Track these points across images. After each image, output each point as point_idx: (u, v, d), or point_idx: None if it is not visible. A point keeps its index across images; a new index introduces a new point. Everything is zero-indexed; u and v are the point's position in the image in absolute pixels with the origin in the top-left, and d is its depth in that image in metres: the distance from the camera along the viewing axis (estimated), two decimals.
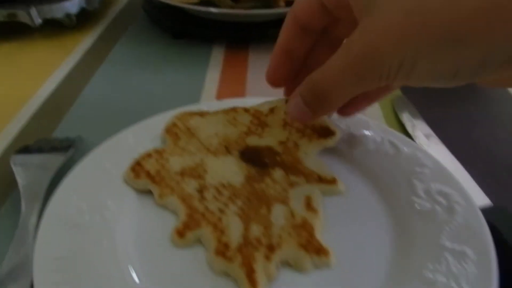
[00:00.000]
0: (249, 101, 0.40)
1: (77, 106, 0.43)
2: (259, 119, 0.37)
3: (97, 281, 0.24)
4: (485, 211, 0.29)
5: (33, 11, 0.52)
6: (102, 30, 0.58)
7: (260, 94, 0.46)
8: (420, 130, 0.41)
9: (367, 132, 0.37)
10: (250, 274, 0.24)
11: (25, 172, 0.32)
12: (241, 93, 0.46)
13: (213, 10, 0.52)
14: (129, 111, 0.43)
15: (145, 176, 0.31)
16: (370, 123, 0.38)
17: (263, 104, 0.38)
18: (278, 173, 0.32)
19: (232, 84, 0.48)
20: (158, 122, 0.37)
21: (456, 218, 0.29)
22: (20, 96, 0.44)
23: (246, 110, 0.38)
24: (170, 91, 0.46)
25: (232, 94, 0.46)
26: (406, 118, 0.43)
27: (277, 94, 0.45)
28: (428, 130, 0.41)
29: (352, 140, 0.36)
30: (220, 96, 0.46)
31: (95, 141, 0.37)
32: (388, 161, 0.34)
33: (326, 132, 0.35)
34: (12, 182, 0.32)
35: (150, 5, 0.58)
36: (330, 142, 0.34)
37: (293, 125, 0.36)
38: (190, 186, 0.31)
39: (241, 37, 0.56)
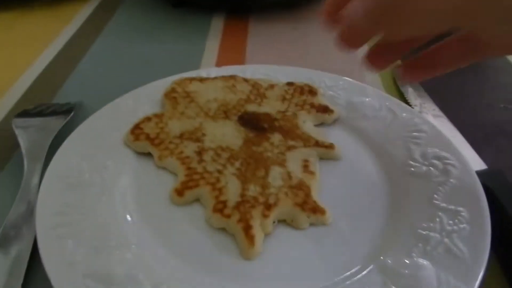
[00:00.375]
0: (249, 68, 0.40)
1: (77, 73, 0.43)
2: (258, 90, 0.37)
3: (97, 233, 0.25)
4: (480, 174, 0.30)
5: None
6: (101, 0, 0.58)
7: (259, 62, 0.46)
8: (419, 98, 0.41)
9: (365, 99, 0.37)
10: (247, 230, 0.25)
11: (27, 134, 0.32)
12: (240, 62, 0.46)
13: None
14: (128, 78, 0.43)
15: (144, 138, 0.32)
16: (368, 89, 0.38)
17: (263, 79, 0.38)
18: (276, 137, 0.32)
19: (232, 53, 0.48)
20: (158, 88, 0.37)
21: (451, 180, 0.29)
22: (20, 63, 0.44)
23: (245, 80, 0.38)
24: (170, 60, 0.46)
25: (232, 63, 0.46)
26: (405, 86, 0.43)
27: (278, 63, 0.45)
28: (427, 98, 0.41)
29: (350, 106, 0.37)
30: (219, 64, 0.45)
31: (95, 107, 0.37)
32: (386, 127, 0.34)
33: (324, 109, 0.35)
34: (14, 144, 0.32)
35: None
36: (328, 118, 0.35)
37: (292, 100, 0.36)
38: (189, 148, 0.31)
39: (241, 5, 0.55)
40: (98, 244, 0.24)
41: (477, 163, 0.34)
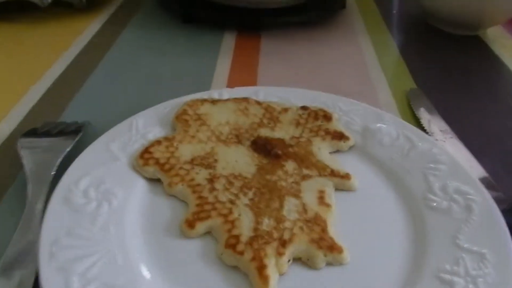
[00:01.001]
0: (262, 91, 0.39)
1: (85, 89, 0.43)
2: (271, 114, 0.36)
3: (104, 270, 0.24)
4: (504, 211, 0.29)
5: None
6: (112, 13, 0.57)
7: (271, 84, 0.45)
8: (435, 124, 0.40)
9: (382, 125, 0.36)
10: (261, 269, 0.24)
11: (32, 155, 0.31)
12: (252, 82, 0.45)
13: None
14: (138, 96, 0.42)
15: (154, 163, 0.30)
16: (385, 116, 0.37)
17: (276, 103, 0.37)
18: (290, 165, 0.31)
19: (244, 71, 0.47)
20: (168, 109, 0.36)
21: (473, 218, 0.28)
22: (28, 77, 0.44)
23: (258, 102, 0.37)
24: (180, 78, 0.45)
25: (243, 83, 0.45)
26: (420, 111, 0.42)
27: (289, 85, 0.44)
28: (443, 124, 0.40)
29: (367, 132, 0.36)
30: (230, 84, 0.44)
31: (103, 126, 0.36)
32: (403, 156, 0.33)
33: (340, 136, 0.34)
34: (19, 165, 0.31)
35: None
36: (343, 145, 0.34)
37: (306, 125, 0.35)
38: (200, 175, 0.30)
39: (253, 22, 0.54)
40: (105, 281, 0.23)
41: (496, 195, 0.32)
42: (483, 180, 0.34)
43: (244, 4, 0.53)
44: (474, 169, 0.35)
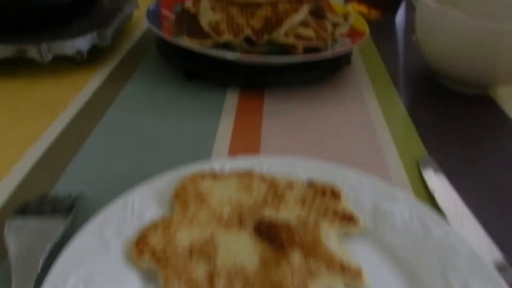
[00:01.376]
0: (265, 162, 0.37)
1: (81, 155, 0.41)
2: (275, 190, 0.34)
3: None
4: None
5: (44, 47, 0.50)
6: (113, 68, 0.56)
7: (275, 147, 0.43)
8: (449, 199, 0.38)
9: (394, 206, 0.34)
10: None
11: (19, 243, 0.29)
12: (255, 144, 0.44)
13: (228, 55, 0.49)
14: (135, 164, 0.40)
15: (150, 255, 0.28)
16: (396, 193, 0.35)
17: (281, 176, 0.36)
18: (296, 257, 0.29)
19: (246, 135, 0.45)
20: (166, 183, 0.34)
21: None
22: (23, 141, 0.42)
23: (262, 178, 0.35)
24: (181, 140, 0.44)
25: (246, 147, 0.43)
26: (433, 183, 0.40)
27: (294, 150, 0.42)
28: (457, 199, 0.38)
29: (377, 214, 0.33)
30: (233, 149, 0.43)
31: (99, 198, 0.35)
32: (418, 244, 0.31)
33: (349, 219, 0.32)
34: (4, 251, 0.29)
35: (163, 44, 0.56)
36: (353, 230, 0.32)
37: (313, 205, 0.33)
38: (199, 269, 0.28)
39: (256, 81, 0.53)
40: None
41: None
42: (499, 266, 0.31)
43: (248, 63, 0.52)
44: (491, 252, 0.33)
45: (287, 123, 0.48)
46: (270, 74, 0.53)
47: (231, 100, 0.51)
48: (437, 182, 0.40)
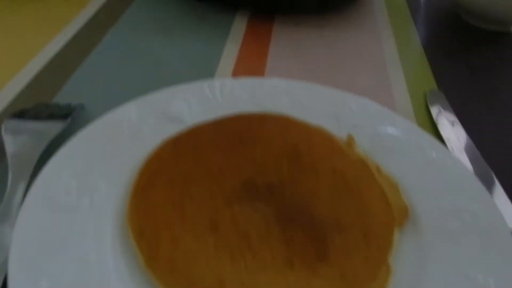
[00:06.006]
0: (267, 83, 0.37)
1: (84, 68, 0.41)
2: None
3: (76, 272, 0.22)
4: None
5: None
6: None
7: (280, 73, 0.42)
8: (454, 133, 0.37)
9: (394, 131, 0.33)
10: None
11: (16, 141, 0.30)
12: (260, 70, 0.43)
13: None
14: (137, 79, 0.40)
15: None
16: (397, 119, 0.34)
17: None
18: None
19: (252, 59, 0.44)
20: (164, 98, 0.34)
21: (481, 241, 0.25)
22: (24, 53, 0.42)
23: None
24: (184, 61, 0.43)
25: (251, 72, 0.42)
26: (439, 116, 0.38)
27: (298, 78, 0.41)
28: (463, 134, 0.37)
29: (376, 138, 0.33)
30: (237, 73, 0.42)
31: (98, 110, 0.35)
32: (414, 168, 0.30)
33: None
34: (2, 150, 0.30)
35: None
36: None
37: None
38: None
39: (267, 4, 0.51)
40: (77, 284, 0.22)
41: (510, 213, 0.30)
42: (499, 200, 0.31)
43: None
44: (492, 185, 0.32)
45: (295, 50, 0.46)
46: None
47: (239, 24, 0.50)
48: (442, 115, 0.39)
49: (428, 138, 0.32)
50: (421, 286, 0.24)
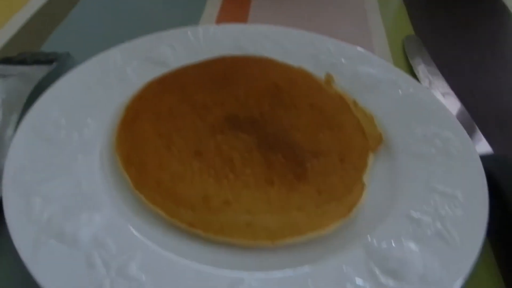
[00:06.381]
0: (250, 29, 0.38)
1: (70, 18, 0.41)
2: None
3: (68, 193, 0.24)
4: (484, 158, 0.28)
5: None
6: None
7: (263, 21, 0.43)
8: (429, 74, 0.38)
9: (370, 70, 0.34)
10: None
11: (5, 83, 0.30)
12: (243, 19, 0.44)
13: None
14: (123, 29, 0.41)
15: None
16: (374, 59, 0.36)
17: None
18: None
19: (235, 8, 0.45)
20: (149, 43, 0.35)
21: (451, 162, 0.27)
22: (11, 3, 0.42)
23: None
24: (168, 11, 0.44)
25: (234, 19, 0.43)
26: (415, 59, 0.40)
27: (283, 23, 0.42)
28: (438, 75, 0.38)
29: (354, 77, 0.34)
30: (220, 20, 0.43)
31: (84, 58, 0.35)
32: (389, 101, 0.32)
33: None
34: None
35: None
36: None
37: None
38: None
39: None
40: (68, 204, 0.23)
41: (483, 148, 0.31)
42: (472, 134, 0.33)
43: None
44: (465, 122, 0.34)
45: None
46: None
47: None
48: (419, 59, 0.40)
49: (403, 76, 0.34)
50: (393, 199, 0.25)
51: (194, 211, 0.24)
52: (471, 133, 0.32)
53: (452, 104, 0.35)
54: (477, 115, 0.34)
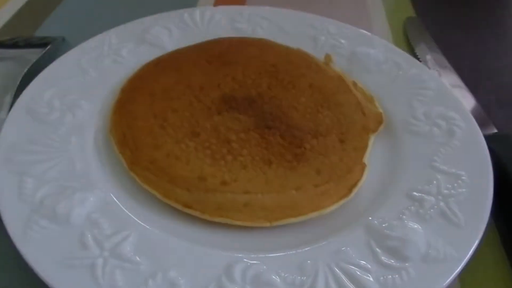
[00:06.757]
0: (248, 10, 0.37)
1: (65, 4, 0.40)
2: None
3: (61, 173, 0.23)
4: (488, 137, 0.27)
5: None
6: None
7: (261, 2, 0.42)
8: (430, 54, 0.37)
9: (370, 50, 0.34)
10: None
11: None
12: (241, 1, 0.43)
13: None
14: (118, 13, 0.40)
15: None
16: (374, 40, 0.35)
17: None
18: None
19: None
20: (143, 25, 0.34)
21: (454, 142, 0.26)
22: None
23: None
24: None
25: (231, 1, 0.42)
26: (416, 40, 0.39)
27: (282, 5, 0.41)
28: (438, 54, 0.38)
29: (353, 57, 0.33)
30: (218, 2, 0.42)
31: (79, 43, 0.35)
32: (390, 82, 0.31)
33: None
34: None
35: None
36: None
37: None
38: None
39: None
40: (61, 184, 0.22)
41: (487, 127, 0.31)
42: (474, 112, 0.32)
43: None
44: (467, 100, 0.33)
45: None
46: None
47: None
48: (420, 40, 0.39)
49: (404, 56, 0.33)
50: (394, 179, 0.25)
51: (190, 191, 0.23)
52: (474, 113, 0.31)
53: (455, 84, 0.34)
54: (480, 94, 0.34)
